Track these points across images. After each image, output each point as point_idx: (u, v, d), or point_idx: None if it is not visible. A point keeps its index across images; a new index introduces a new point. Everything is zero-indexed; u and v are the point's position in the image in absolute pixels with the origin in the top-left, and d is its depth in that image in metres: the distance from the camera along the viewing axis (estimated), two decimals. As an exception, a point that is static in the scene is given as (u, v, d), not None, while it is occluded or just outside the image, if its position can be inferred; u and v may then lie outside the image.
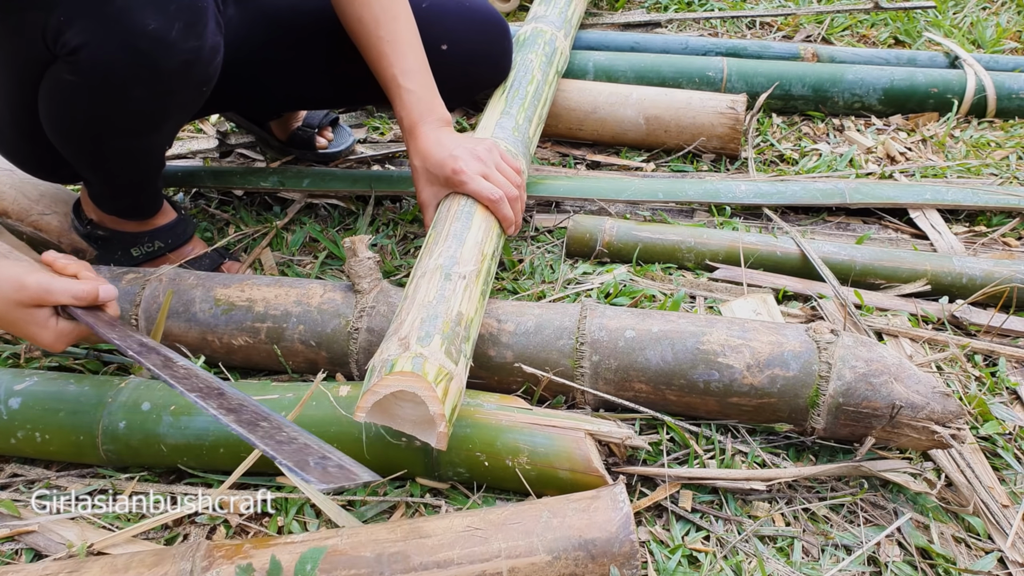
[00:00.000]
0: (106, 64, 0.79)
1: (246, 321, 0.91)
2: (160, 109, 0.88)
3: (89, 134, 0.89)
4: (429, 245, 0.87)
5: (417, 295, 0.78)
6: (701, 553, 0.75)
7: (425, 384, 0.67)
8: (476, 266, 0.84)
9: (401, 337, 0.72)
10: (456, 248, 0.85)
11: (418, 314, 0.75)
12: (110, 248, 1.05)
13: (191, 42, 0.80)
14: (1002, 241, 1.22)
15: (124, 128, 0.89)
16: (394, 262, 1.15)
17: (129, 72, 0.80)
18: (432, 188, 0.99)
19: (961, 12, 1.97)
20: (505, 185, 0.96)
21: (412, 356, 0.69)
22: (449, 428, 0.68)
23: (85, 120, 0.87)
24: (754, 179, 1.34)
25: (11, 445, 0.83)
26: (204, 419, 0.80)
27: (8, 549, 0.76)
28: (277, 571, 0.65)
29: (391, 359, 0.69)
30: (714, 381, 0.81)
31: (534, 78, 1.21)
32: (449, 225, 0.89)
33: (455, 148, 0.96)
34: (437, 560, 0.65)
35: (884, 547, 0.76)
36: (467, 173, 0.93)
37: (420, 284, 0.80)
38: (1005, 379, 0.96)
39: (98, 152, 0.93)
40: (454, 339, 0.74)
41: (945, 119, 1.52)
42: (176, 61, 0.80)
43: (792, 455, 0.85)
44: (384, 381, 0.67)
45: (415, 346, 0.70)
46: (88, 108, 0.85)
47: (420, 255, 0.86)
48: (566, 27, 1.41)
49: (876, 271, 1.09)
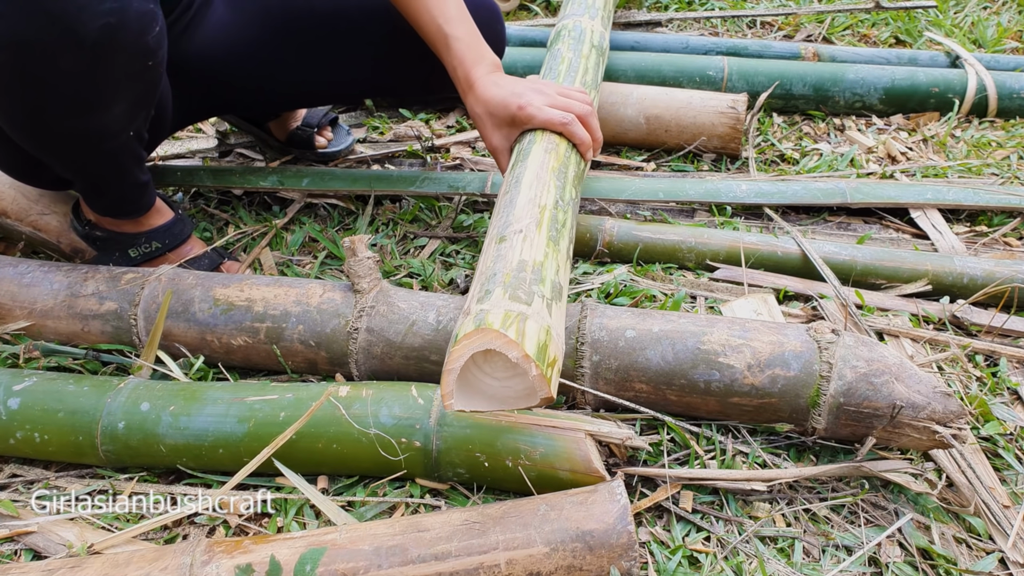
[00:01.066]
0: (21, 35, 0.74)
1: (245, 321, 0.91)
2: (92, 82, 0.82)
3: (33, 120, 0.84)
4: (488, 234, 0.80)
5: (478, 271, 0.72)
6: (702, 554, 0.75)
7: (493, 334, 0.59)
8: (534, 218, 0.77)
9: (465, 310, 0.66)
10: (508, 213, 0.79)
11: (478, 283, 0.69)
12: (108, 249, 1.05)
13: (108, 3, 0.76)
14: (1003, 241, 1.22)
15: (64, 108, 0.83)
16: (394, 262, 1.15)
17: (49, 41, 0.75)
18: (500, 132, 0.97)
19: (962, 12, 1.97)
20: (574, 105, 0.95)
21: (474, 315, 0.62)
22: (547, 370, 0.60)
23: (23, 104, 0.82)
24: (755, 179, 1.34)
25: (10, 445, 0.83)
26: (204, 419, 0.80)
27: (8, 550, 0.76)
28: (277, 572, 0.65)
29: (456, 332, 0.62)
30: (715, 381, 0.81)
31: (564, 58, 1.16)
32: (501, 201, 0.83)
33: (515, 86, 0.95)
34: (435, 553, 0.65)
35: (885, 548, 0.76)
36: (533, 106, 0.93)
37: (480, 262, 0.73)
38: (1006, 379, 0.95)
39: (51, 140, 0.88)
40: (520, 284, 0.66)
41: (946, 119, 1.51)
42: (96, 25, 0.75)
43: (793, 455, 0.84)
44: (453, 354, 0.60)
45: (474, 307, 0.64)
46: (20, 89, 0.80)
47: (483, 249, 0.79)
48: (590, 11, 1.35)
49: (877, 271, 1.09)
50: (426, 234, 1.22)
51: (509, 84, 0.96)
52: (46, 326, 0.95)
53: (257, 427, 0.79)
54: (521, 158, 0.89)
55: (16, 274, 0.97)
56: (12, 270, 0.98)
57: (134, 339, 0.94)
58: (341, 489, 0.81)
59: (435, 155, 1.45)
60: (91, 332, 0.94)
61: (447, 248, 1.19)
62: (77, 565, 0.67)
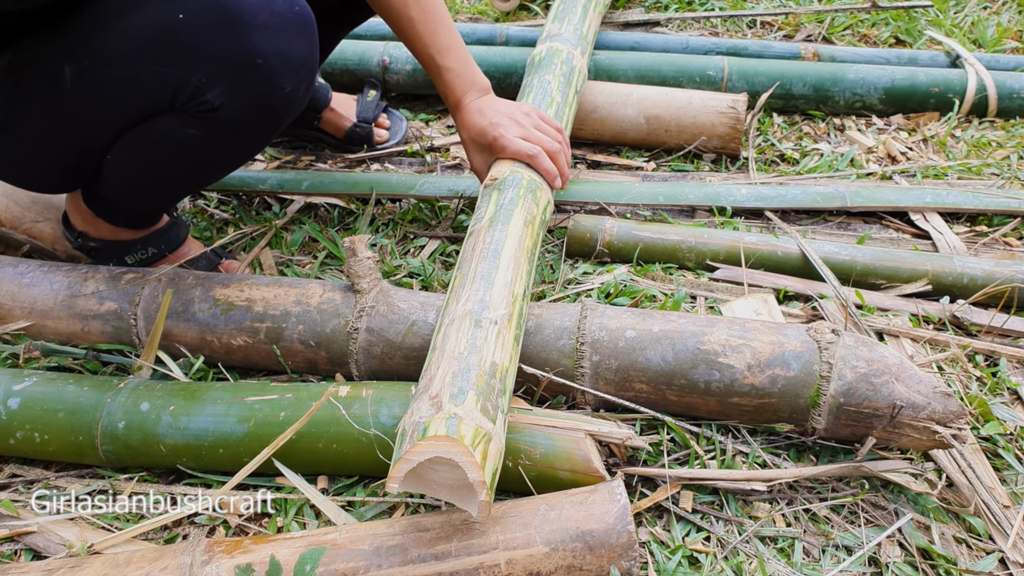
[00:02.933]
0: (241, 122, 0.84)
1: (245, 321, 0.91)
2: (259, 149, 1.00)
3: (186, 177, 0.95)
4: (455, 289, 0.81)
5: (447, 345, 0.72)
6: (702, 554, 0.75)
7: (462, 448, 0.61)
8: (508, 309, 0.78)
9: (432, 395, 0.67)
10: (485, 291, 0.78)
11: (449, 368, 0.69)
12: (103, 257, 1.05)
13: (303, 78, 0.85)
14: (1003, 241, 1.22)
15: (224, 168, 0.97)
16: (394, 262, 1.15)
17: (258, 127, 0.87)
18: (481, 156, 1.06)
19: (962, 11, 1.96)
20: (544, 140, 1.02)
21: (446, 417, 0.63)
22: (490, 496, 0.63)
23: (190, 165, 0.91)
24: (754, 182, 1.34)
25: (10, 445, 0.83)
26: (204, 419, 0.80)
27: (8, 549, 0.76)
28: (277, 571, 0.65)
29: (423, 421, 0.64)
30: (715, 381, 0.81)
31: (553, 100, 1.18)
32: (476, 265, 0.82)
33: (494, 116, 1.03)
34: (435, 552, 0.65)
35: (885, 548, 0.76)
36: (506, 138, 1.00)
37: (448, 333, 0.74)
38: (1006, 379, 0.95)
39: (177, 189, 0.99)
40: (489, 394, 0.68)
41: (946, 119, 1.51)
42: (293, 113, 0.87)
43: (793, 455, 0.84)
44: (417, 447, 0.62)
45: (448, 405, 0.65)
46: (200, 156, 0.89)
47: (447, 299, 0.81)
48: (582, 44, 1.38)
49: (877, 271, 1.09)
50: (426, 234, 1.22)
51: (491, 113, 1.03)
52: (46, 326, 0.95)
53: (257, 427, 0.79)
54: (502, 219, 0.89)
55: (16, 274, 0.97)
56: (12, 270, 0.98)
57: (134, 339, 0.94)
58: (341, 489, 0.81)
59: (435, 154, 1.45)
60: (91, 332, 0.94)
61: (447, 248, 1.19)
62: (77, 565, 0.67)
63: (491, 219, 0.89)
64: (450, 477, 0.64)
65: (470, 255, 0.85)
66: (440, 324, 0.77)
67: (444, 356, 0.71)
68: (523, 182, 0.96)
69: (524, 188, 0.95)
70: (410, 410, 0.67)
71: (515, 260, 0.85)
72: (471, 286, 0.79)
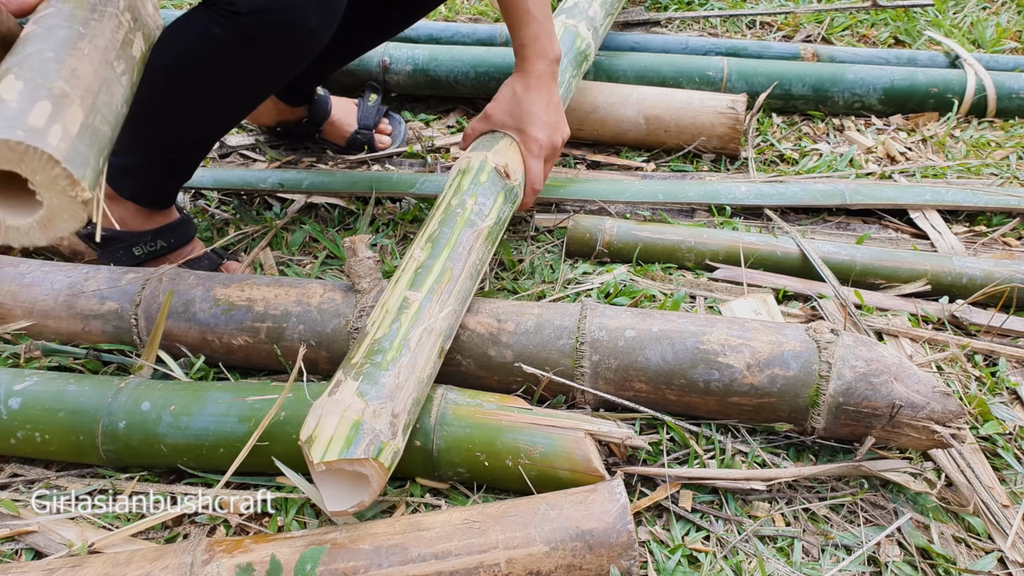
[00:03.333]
0: (259, 35, 0.84)
1: (246, 321, 0.91)
2: (274, 78, 0.96)
3: (200, 90, 0.92)
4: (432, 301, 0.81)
5: (419, 359, 0.75)
6: (701, 553, 0.75)
7: (384, 473, 0.67)
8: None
9: (395, 413, 0.70)
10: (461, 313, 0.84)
11: (413, 392, 0.73)
12: (111, 248, 1.05)
13: (329, 17, 0.86)
14: (1002, 241, 1.22)
15: (232, 100, 0.96)
16: (394, 262, 1.15)
17: (273, 52, 0.87)
18: (502, 109, 1.04)
19: (961, 12, 1.97)
20: (544, 179, 1.05)
21: (393, 451, 0.68)
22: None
23: (203, 77, 0.90)
24: (754, 179, 1.34)
25: (11, 445, 0.83)
26: (204, 419, 0.80)
27: (8, 549, 0.76)
28: (277, 571, 0.65)
29: (380, 442, 0.66)
30: (714, 381, 0.81)
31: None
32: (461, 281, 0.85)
33: (548, 114, 1.04)
34: (435, 552, 0.65)
35: (884, 547, 0.76)
36: (538, 146, 1.03)
37: (424, 343, 0.76)
38: (1005, 379, 0.96)
39: (190, 114, 0.96)
40: (411, 423, 0.73)
41: (945, 119, 1.52)
42: (310, 53, 0.88)
43: (792, 455, 0.85)
44: (366, 463, 0.65)
45: (400, 438, 0.69)
46: (215, 68, 0.89)
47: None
48: (588, 22, 1.35)
49: (876, 271, 1.09)
50: (426, 234, 1.22)
51: (544, 103, 1.03)
52: (47, 326, 0.95)
53: (257, 427, 0.79)
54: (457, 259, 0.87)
55: (17, 274, 0.98)
56: (12, 270, 0.98)
57: (135, 339, 0.94)
58: (341, 489, 0.81)
59: (435, 154, 1.45)
60: (92, 332, 0.95)
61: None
62: (78, 564, 0.67)
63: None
64: (339, 475, 0.67)
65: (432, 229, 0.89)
66: (416, 322, 0.79)
67: (414, 371, 0.74)
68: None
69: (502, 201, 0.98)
70: (373, 409, 0.68)
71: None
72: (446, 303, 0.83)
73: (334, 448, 0.65)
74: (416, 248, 0.86)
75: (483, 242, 0.90)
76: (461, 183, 0.95)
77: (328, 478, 0.67)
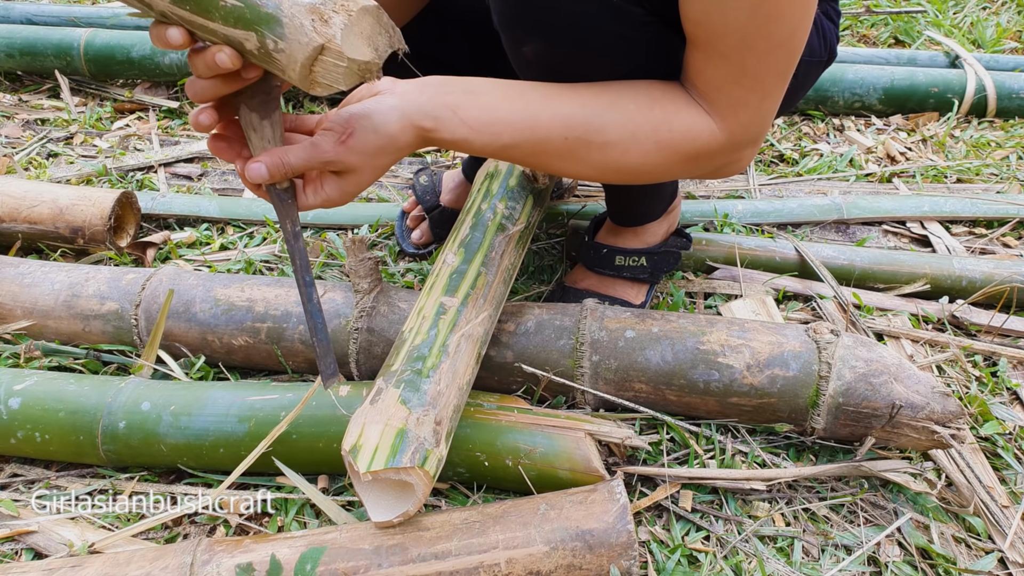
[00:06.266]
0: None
1: (246, 321, 0.91)
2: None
3: None
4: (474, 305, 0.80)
5: (458, 365, 0.74)
6: (701, 553, 0.75)
7: (429, 482, 0.66)
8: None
9: (438, 420, 0.69)
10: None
11: (454, 399, 0.72)
12: None
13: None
14: (1001, 242, 1.22)
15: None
16: (394, 263, 1.15)
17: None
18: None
19: (961, 12, 1.97)
20: None
21: (438, 459, 0.67)
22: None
23: None
24: (752, 187, 1.34)
25: (11, 445, 0.83)
26: (204, 419, 0.80)
27: (8, 549, 0.76)
28: (277, 571, 0.65)
29: (425, 450, 0.66)
30: (714, 381, 0.81)
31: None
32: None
33: None
34: (435, 552, 0.65)
35: (884, 547, 0.76)
36: None
37: (463, 348, 0.76)
38: (1005, 379, 0.96)
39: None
40: (452, 430, 0.72)
41: (945, 119, 1.52)
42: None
43: (792, 455, 0.85)
44: (412, 471, 0.64)
45: (443, 446, 0.68)
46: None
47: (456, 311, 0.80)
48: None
49: (876, 275, 1.09)
50: (426, 234, 1.22)
51: None
52: (47, 326, 0.95)
53: (258, 427, 0.79)
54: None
55: (17, 274, 0.98)
56: (13, 270, 0.98)
57: (135, 339, 0.94)
58: (341, 488, 0.82)
59: (435, 155, 1.45)
60: (92, 332, 0.95)
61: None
62: (78, 564, 0.67)
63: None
64: (386, 483, 0.67)
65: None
66: (453, 328, 0.78)
67: (454, 379, 0.73)
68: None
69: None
70: (417, 416, 0.68)
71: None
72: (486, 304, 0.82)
73: (380, 457, 0.64)
74: (448, 253, 0.85)
75: (515, 247, 0.90)
76: (490, 187, 0.94)
77: (371, 487, 0.66)
